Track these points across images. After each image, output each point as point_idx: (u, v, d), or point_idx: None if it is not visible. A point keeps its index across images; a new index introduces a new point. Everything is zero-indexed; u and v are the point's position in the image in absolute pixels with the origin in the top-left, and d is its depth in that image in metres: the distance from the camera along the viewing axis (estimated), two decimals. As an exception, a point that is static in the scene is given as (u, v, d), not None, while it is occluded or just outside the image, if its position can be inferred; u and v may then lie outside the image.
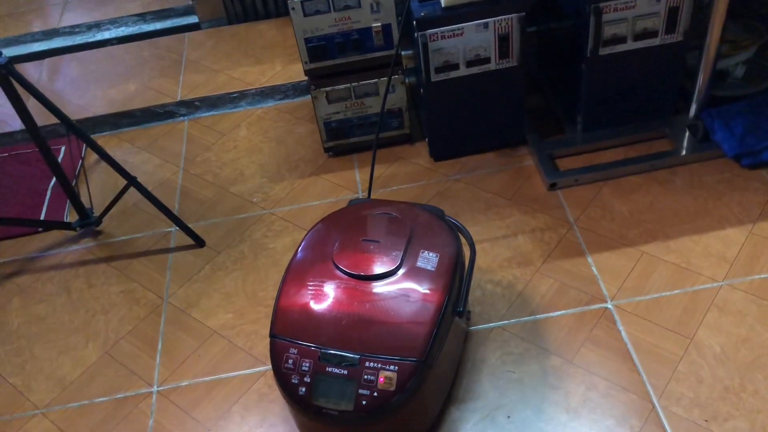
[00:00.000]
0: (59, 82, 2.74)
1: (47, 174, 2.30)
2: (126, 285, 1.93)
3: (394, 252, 1.43)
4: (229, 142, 2.37)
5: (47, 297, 1.94)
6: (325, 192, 2.12)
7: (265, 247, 1.97)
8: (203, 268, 1.95)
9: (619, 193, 1.95)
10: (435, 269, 1.41)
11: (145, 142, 2.43)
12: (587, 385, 1.53)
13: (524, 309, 1.70)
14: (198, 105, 2.52)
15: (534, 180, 2.04)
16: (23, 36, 3.05)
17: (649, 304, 1.67)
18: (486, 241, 1.87)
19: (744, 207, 1.85)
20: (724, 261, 1.73)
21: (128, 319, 1.84)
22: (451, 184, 2.07)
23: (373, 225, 1.52)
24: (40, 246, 2.10)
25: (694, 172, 1.97)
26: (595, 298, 1.70)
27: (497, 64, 1.94)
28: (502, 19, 1.84)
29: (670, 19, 1.86)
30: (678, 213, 1.87)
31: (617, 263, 1.77)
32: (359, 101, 2.10)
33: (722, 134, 1.97)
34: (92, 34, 3.02)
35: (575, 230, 1.87)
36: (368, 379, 1.30)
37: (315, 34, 1.93)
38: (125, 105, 2.55)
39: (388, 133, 2.19)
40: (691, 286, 1.69)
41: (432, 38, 1.85)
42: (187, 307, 1.85)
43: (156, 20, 3.03)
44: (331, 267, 1.43)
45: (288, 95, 2.51)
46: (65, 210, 2.20)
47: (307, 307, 1.39)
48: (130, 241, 2.07)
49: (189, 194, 2.19)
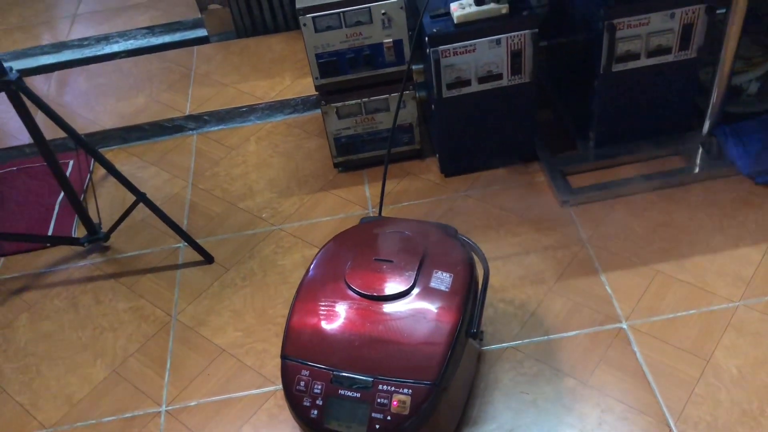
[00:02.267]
0: (68, 95, 2.74)
1: (55, 189, 2.29)
2: (134, 302, 1.92)
3: (408, 272, 1.41)
4: (238, 157, 2.36)
5: (55, 313, 1.92)
6: (335, 208, 2.10)
7: (275, 264, 1.95)
8: (212, 284, 1.93)
9: (632, 211, 1.93)
10: (449, 289, 1.39)
11: (153, 157, 2.42)
12: (602, 407, 1.50)
13: (537, 329, 1.68)
14: (207, 119, 2.51)
15: (546, 197, 2.02)
16: (32, 49, 3.05)
17: (665, 325, 1.65)
18: (498, 259, 1.86)
19: (759, 225, 1.83)
20: (740, 281, 1.71)
21: (136, 337, 1.82)
22: (462, 201, 2.05)
23: (385, 244, 1.50)
24: (47, 261, 2.09)
25: (708, 190, 1.94)
26: (609, 317, 1.68)
27: (509, 80, 1.92)
28: (514, 35, 1.83)
29: (684, 35, 1.85)
30: (692, 231, 1.85)
31: (631, 282, 1.75)
32: (370, 117, 2.09)
33: (736, 151, 1.95)
34: (101, 47, 3.02)
35: (588, 248, 1.85)
36: (381, 403, 1.28)
37: (326, 50, 1.92)
38: (134, 119, 2.54)
39: (398, 149, 2.17)
40: (707, 306, 1.67)
41: (444, 54, 1.84)
42: (196, 324, 1.83)
43: (165, 33, 3.03)
44: (344, 287, 1.41)
45: (297, 109, 2.50)
46: (73, 225, 2.19)
47: (319, 328, 1.37)
48: (138, 257, 2.05)
49: (198, 209, 2.18)
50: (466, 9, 1.80)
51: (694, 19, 1.82)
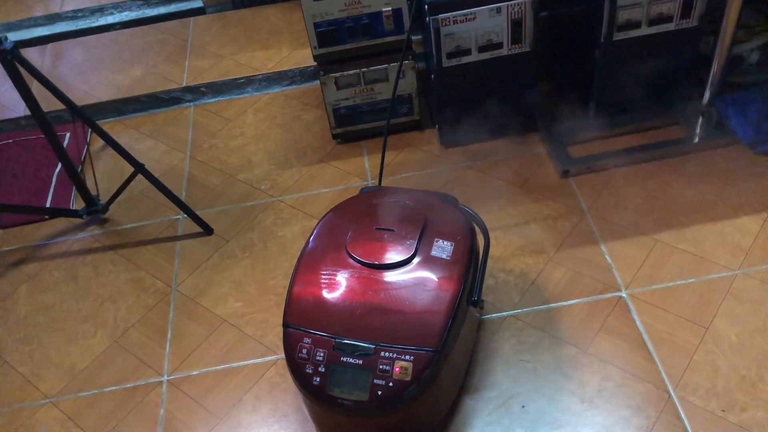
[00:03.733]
0: (63, 67, 2.71)
1: (53, 160, 2.28)
2: (134, 273, 1.91)
3: (408, 241, 1.41)
4: (235, 129, 2.34)
5: (54, 285, 1.92)
6: (334, 179, 2.10)
7: (275, 235, 1.95)
8: (212, 256, 1.93)
9: (632, 181, 1.92)
10: (450, 258, 1.40)
11: (150, 129, 2.40)
12: (602, 374, 1.51)
13: (538, 298, 1.68)
14: (204, 91, 2.49)
15: (546, 167, 2.01)
16: (25, 20, 3.01)
17: (664, 293, 1.65)
18: (498, 229, 1.85)
19: (759, 194, 1.83)
20: (739, 249, 1.71)
21: (137, 308, 1.82)
22: (462, 172, 2.05)
23: (386, 213, 1.50)
24: (46, 234, 2.08)
25: (708, 160, 1.94)
26: (609, 286, 1.68)
27: (510, 49, 1.91)
28: (515, 3, 1.81)
29: (685, 3, 1.83)
30: (692, 201, 1.85)
31: (631, 252, 1.75)
32: (368, 87, 2.07)
33: (737, 121, 1.95)
34: (95, 18, 2.98)
35: (588, 218, 1.85)
36: (383, 369, 1.28)
37: (325, 19, 1.90)
38: (130, 91, 2.52)
39: (397, 120, 2.16)
40: (706, 274, 1.68)
41: (444, 23, 1.82)
42: (197, 295, 1.83)
43: (160, 5, 2.99)
44: (345, 256, 1.41)
45: (295, 81, 2.48)
46: (71, 197, 2.18)
47: (320, 297, 1.37)
48: (137, 228, 2.05)
49: (196, 181, 2.17)
50: (466, -24, 1.78)
51: (696, -14, 1.80)
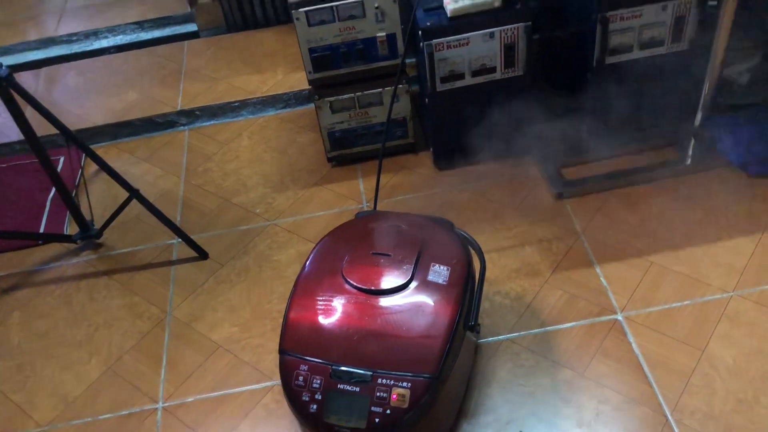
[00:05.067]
0: (57, 91, 2.72)
1: (47, 185, 2.27)
2: (128, 298, 1.91)
3: (405, 265, 1.41)
4: (230, 152, 2.35)
5: (48, 311, 1.91)
6: (329, 202, 2.10)
7: (270, 259, 1.95)
8: (207, 280, 1.92)
9: (625, 203, 1.93)
10: (446, 282, 1.40)
11: (145, 153, 2.40)
12: (599, 398, 1.51)
13: (534, 321, 1.68)
14: (199, 114, 2.50)
15: (540, 189, 2.02)
16: (19, 44, 3.02)
17: (660, 315, 1.66)
18: (493, 252, 1.86)
19: (752, 216, 1.84)
20: (734, 271, 1.72)
21: (131, 334, 1.81)
22: (457, 194, 2.05)
23: (382, 238, 1.50)
24: (40, 259, 2.07)
25: (701, 181, 1.96)
26: (604, 309, 1.69)
27: (503, 73, 1.92)
28: (508, 28, 1.83)
29: (676, 27, 1.85)
30: (686, 222, 1.86)
31: (626, 274, 1.75)
32: (363, 111, 2.08)
33: (729, 143, 1.96)
34: (89, 42, 2.99)
35: (583, 240, 1.86)
36: (381, 396, 1.28)
37: (319, 44, 1.92)
38: (125, 115, 2.53)
39: (392, 143, 2.17)
40: (701, 296, 1.68)
41: (437, 48, 1.83)
42: (192, 320, 1.82)
43: (154, 28, 3.01)
44: (341, 281, 1.41)
45: (290, 104, 2.50)
46: (65, 222, 2.18)
47: (317, 323, 1.37)
48: (132, 253, 2.04)
49: (191, 205, 2.17)
50: (459, 2, 1.80)
51: (686, 11, 1.82)
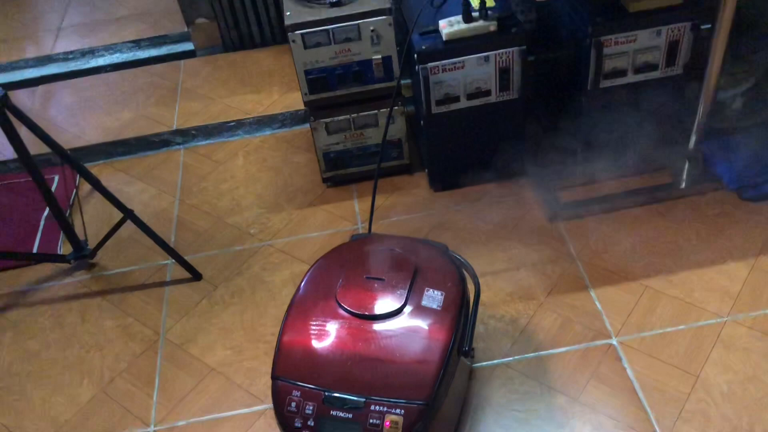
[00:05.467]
0: (52, 109, 2.72)
1: (40, 204, 2.26)
2: (121, 320, 1.89)
3: (399, 290, 1.40)
4: (225, 172, 2.35)
5: (40, 332, 1.89)
6: (324, 223, 2.10)
7: (263, 281, 1.94)
8: (200, 302, 1.91)
9: (620, 226, 1.93)
10: (440, 308, 1.39)
11: (140, 172, 2.40)
12: (594, 424, 1.50)
13: (528, 345, 1.68)
14: (194, 134, 2.50)
15: (535, 211, 2.02)
16: (16, 62, 3.03)
17: (654, 340, 1.65)
18: (488, 275, 1.85)
19: (746, 240, 1.85)
20: (728, 296, 1.72)
21: (124, 356, 1.80)
22: (452, 215, 2.05)
23: (376, 261, 1.50)
24: (32, 279, 2.06)
25: (695, 205, 1.96)
26: (599, 333, 1.68)
27: (498, 96, 1.93)
28: (503, 52, 1.84)
29: (670, 52, 1.87)
30: (680, 246, 1.86)
31: (621, 297, 1.75)
32: (359, 132, 2.09)
33: (722, 166, 1.97)
34: (86, 60, 3.00)
35: (577, 263, 1.85)
36: (374, 423, 1.27)
37: (315, 66, 1.92)
38: (120, 133, 2.53)
39: (387, 164, 2.17)
40: (696, 321, 1.68)
41: (433, 71, 1.84)
42: (184, 342, 1.81)
43: (151, 47, 3.02)
44: (335, 305, 1.40)
45: (286, 124, 2.50)
46: (59, 241, 2.17)
47: (310, 348, 1.36)
48: (125, 273, 2.03)
49: (185, 225, 2.16)
50: (454, 26, 1.81)
51: (680, 36, 1.84)
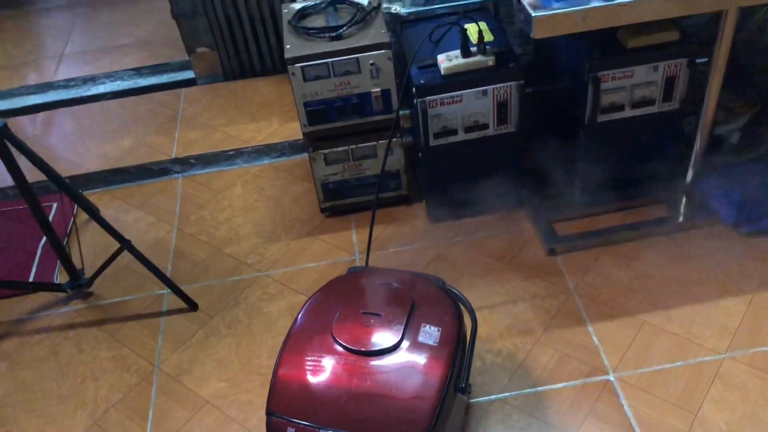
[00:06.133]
0: (53, 136, 2.73)
1: (38, 232, 2.24)
2: (117, 350, 1.88)
3: (395, 326, 1.40)
4: (224, 201, 2.35)
5: (35, 362, 1.88)
6: (322, 254, 2.09)
7: (260, 312, 1.93)
8: (196, 332, 1.90)
9: (618, 260, 1.93)
10: (436, 344, 1.38)
11: (138, 200, 2.40)
12: (591, 462, 1.49)
13: (526, 380, 1.67)
14: (193, 162, 2.51)
15: (533, 244, 2.02)
16: (18, 89, 3.05)
17: (652, 377, 1.64)
18: (485, 308, 1.85)
19: (744, 276, 1.84)
20: (726, 332, 1.71)
21: (118, 387, 1.79)
22: (449, 247, 2.05)
23: (373, 296, 1.49)
24: (29, 307, 2.05)
25: (693, 239, 1.96)
26: (596, 369, 1.67)
27: (495, 129, 1.94)
28: (500, 86, 1.85)
29: (667, 87, 1.88)
30: (677, 281, 1.86)
31: (618, 333, 1.74)
32: (357, 163, 2.09)
33: (720, 201, 1.97)
34: (87, 87, 3.02)
35: (575, 298, 1.85)
36: (369, 462, 1.26)
37: (314, 98, 1.93)
38: (119, 161, 2.54)
39: (385, 194, 2.18)
40: (694, 357, 1.67)
41: (431, 105, 1.85)
42: (180, 374, 1.80)
43: (152, 75, 3.04)
44: (331, 341, 1.40)
45: (284, 153, 2.51)
46: (55, 270, 2.16)
47: (305, 383, 1.35)
48: (121, 303, 2.02)
49: (183, 254, 2.16)
50: (453, 61, 1.82)
51: (677, 71, 1.85)
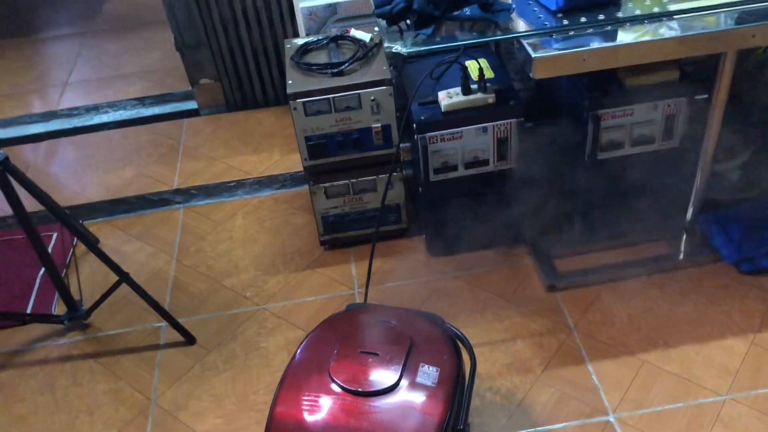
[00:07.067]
0: (55, 165, 2.74)
1: (37, 261, 2.25)
2: (113, 383, 1.87)
3: (393, 366, 1.38)
4: (224, 232, 2.35)
5: (30, 395, 1.87)
6: (321, 287, 2.09)
7: (257, 347, 1.92)
8: (193, 367, 1.89)
9: (618, 297, 1.92)
10: (435, 384, 1.37)
11: (138, 230, 2.40)
12: (591, 506, 1.47)
13: (525, 420, 1.65)
14: (194, 193, 2.51)
15: (532, 280, 2.02)
16: (21, 117, 3.07)
17: (652, 418, 1.62)
18: (484, 345, 1.84)
19: (744, 315, 1.83)
20: (727, 373, 1.70)
21: (114, 422, 1.77)
22: (449, 282, 2.05)
23: (371, 335, 1.48)
24: (25, 338, 2.04)
25: (693, 277, 1.95)
26: (596, 410, 1.66)
27: (495, 165, 1.95)
28: (500, 123, 1.86)
29: (666, 125, 1.89)
30: (677, 319, 1.85)
31: (618, 372, 1.73)
32: (357, 197, 2.10)
33: (720, 239, 1.97)
34: (90, 117, 3.03)
35: (575, 335, 1.84)
36: (365, 505, 1.24)
37: (315, 133, 1.94)
38: (120, 191, 2.54)
39: (385, 228, 2.17)
40: (694, 399, 1.65)
41: (431, 141, 1.86)
42: (175, 409, 1.78)
43: (155, 105, 3.06)
44: (328, 380, 1.38)
45: (285, 185, 2.51)
46: (53, 301, 2.16)
47: (302, 423, 1.33)
48: (118, 335, 2.01)
49: (181, 286, 2.15)
50: (453, 98, 1.83)
51: (676, 110, 1.86)
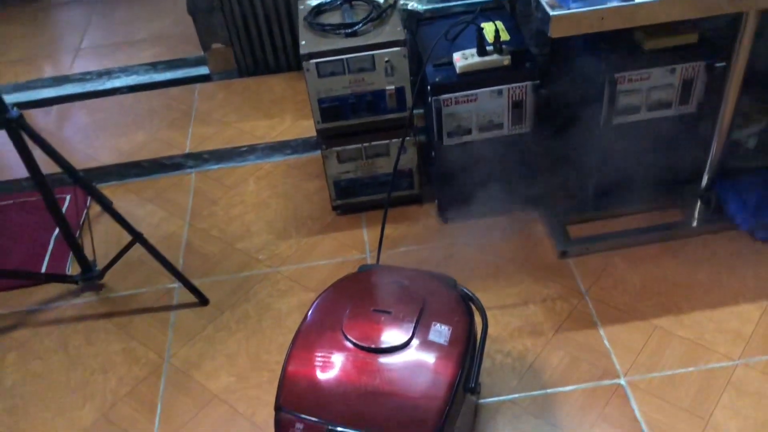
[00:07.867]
0: (67, 129, 2.74)
1: (51, 223, 2.26)
2: (126, 343, 1.89)
3: (406, 324, 1.39)
4: (236, 197, 2.35)
5: (45, 353, 1.89)
6: (333, 251, 2.09)
7: (270, 308, 1.93)
8: (206, 327, 1.90)
9: (630, 263, 1.92)
10: (447, 343, 1.37)
11: (151, 194, 2.41)
12: (600, 466, 1.48)
13: (535, 382, 1.66)
14: (206, 158, 2.51)
15: (545, 246, 2.01)
16: (33, 81, 3.07)
17: (663, 381, 1.63)
18: (496, 309, 1.84)
19: (759, 281, 1.82)
20: (740, 338, 1.70)
21: (127, 380, 1.79)
22: (461, 248, 2.04)
23: (384, 294, 1.49)
24: (40, 298, 2.06)
25: (707, 244, 1.94)
26: (607, 373, 1.66)
27: (510, 129, 1.93)
28: (516, 86, 1.84)
29: (684, 90, 1.86)
30: (691, 286, 1.84)
31: (630, 337, 1.73)
32: (370, 161, 2.09)
33: (735, 206, 1.95)
34: (103, 81, 3.03)
35: (587, 301, 1.84)
36: (377, 459, 1.25)
37: (328, 95, 1.93)
38: (133, 155, 2.54)
39: (397, 193, 2.17)
40: (706, 363, 1.65)
41: (446, 103, 1.85)
42: (189, 368, 1.80)
43: (167, 70, 3.05)
44: (341, 337, 1.39)
45: (297, 150, 2.51)
46: (67, 262, 2.17)
47: (314, 380, 1.34)
48: (132, 296, 2.03)
49: (194, 249, 2.16)
50: (468, 59, 1.81)
51: (694, 75, 1.83)
